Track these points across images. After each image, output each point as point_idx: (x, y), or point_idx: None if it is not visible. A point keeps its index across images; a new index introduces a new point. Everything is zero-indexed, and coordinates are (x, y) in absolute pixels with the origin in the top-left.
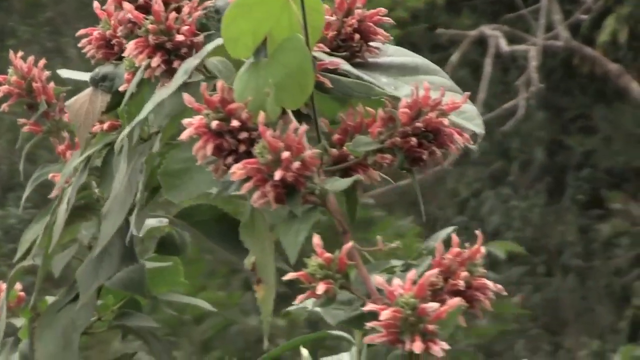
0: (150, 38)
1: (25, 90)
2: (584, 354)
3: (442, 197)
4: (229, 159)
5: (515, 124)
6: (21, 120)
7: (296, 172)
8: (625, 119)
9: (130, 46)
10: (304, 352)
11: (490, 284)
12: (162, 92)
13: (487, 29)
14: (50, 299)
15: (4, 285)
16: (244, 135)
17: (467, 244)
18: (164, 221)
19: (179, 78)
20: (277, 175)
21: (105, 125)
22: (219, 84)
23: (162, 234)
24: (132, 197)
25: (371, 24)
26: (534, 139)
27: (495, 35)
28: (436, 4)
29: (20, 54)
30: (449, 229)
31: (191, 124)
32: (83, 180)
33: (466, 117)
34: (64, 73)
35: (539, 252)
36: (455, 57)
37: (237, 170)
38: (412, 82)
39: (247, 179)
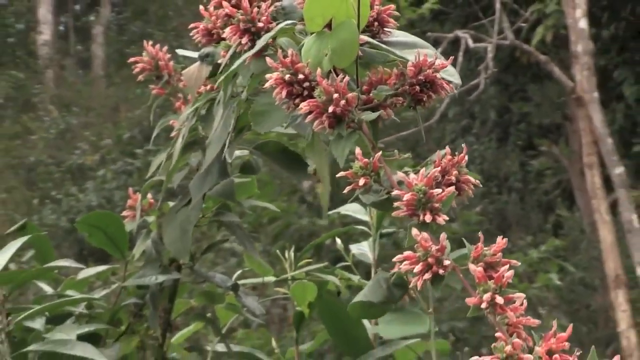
0: (241, 25)
1: (154, 67)
2: (523, 243)
3: (430, 143)
4: (297, 100)
5: (477, 95)
6: (152, 87)
7: (342, 108)
8: (550, 91)
9: (227, 30)
10: (338, 241)
11: (472, 178)
12: (247, 54)
13: (460, 33)
14: (170, 204)
15: (139, 195)
16: (306, 84)
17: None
18: (246, 152)
19: (259, 44)
20: (330, 109)
21: (208, 87)
22: (290, 50)
23: (244, 160)
24: (226, 134)
25: (385, 15)
26: (489, 105)
27: (465, 36)
28: (425, 16)
29: (150, 42)
30: (443, 151)
31: (271, 77)
32: (192, 124)
33: (449, 74)
34: (180, 52)
35: (492, 178)
36: (438, 51)
37: (304, 106)
38: (414, 52)
39: (310, 112)
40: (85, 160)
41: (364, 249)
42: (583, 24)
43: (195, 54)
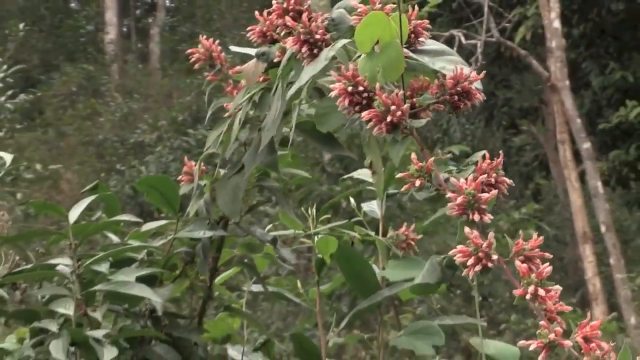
0: (301, 36)
1: (208, 57)
2: (507, 207)
3: (429, 123)
4: (357, 108)
5: (462, 112)
6: (206, 74)
7: (398, 117)
8: (529, 80)
9: (289, 40)
10: (352, 200)
11: (506, 179)
12: (313, 67)
13: (454, 31)
14: (222, 172)
15: (193, 163)
16: (365, 94)
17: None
18: (286, 130)
19: (322, 61)
20: (389, 119)
21: (261, 79)
22: (351, 65)
23: (283, 136)
24: (280, 119)
25: (420, 28)
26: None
27: (459, 35)
28: (423, 17)
29: (205, 37)
30: (480, 153)
31: (335, 88)
32: (248, 108)
33: (476, 84)
34: (233, 48)
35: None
36: None
37: (365, 115)
38: (443, 59)
39: (369, 120)
40: (144, 138)
41: (373, 207)
42: (557, 24)
43: (245, 50)
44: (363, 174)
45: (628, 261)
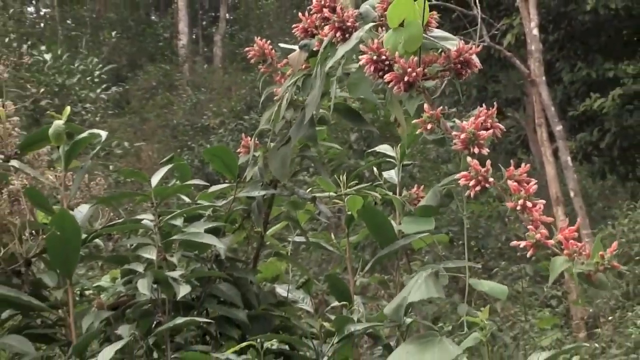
0: (336, 24)
1: (261, 54)
2: (494, 177)
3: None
4: (380, 73)
5: (464, 79)
6: (260, 66)
7: (413, 78)
8: (513, 76)
9: (327, 28)
10: (375, 169)
11: (501, 126)
12: (347, 45)
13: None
14: (272, 144)
15: (249, 138)
16: (387, 62)
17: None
18: (323, 111)
19: (353, 40)
20: (406, 79)
21: (303, 66)
22: (377, 40)
23: (320, 115)
24: (319, 99)
25: (431, 19)
26: (472, 85)
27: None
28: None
29: (259, 38)
30: (476, 110)
31: (363, 58)
32: (292, 91)
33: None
34: (282, 45)
35: None
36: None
37: (387, 77)
38: (447, 42)
39: (390, 81)
40: (209, 122)
41: (392, 175)
42: (535, 32)
43: (290, 47)
44: (383, 148)
45: (591, 220)
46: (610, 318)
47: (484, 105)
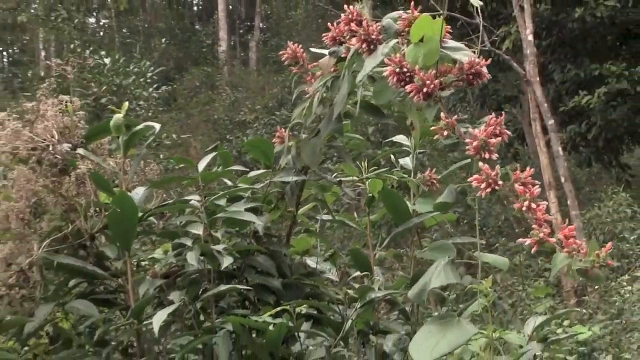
0: (362, 36)
1: (294, 56)
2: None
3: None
4: (402, 83)
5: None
6: (292, 68)
7: (432, 89)
8: (511, 77)
9: (354, 39)
10: (392, 156)
11: (508, 132)
12: (374, 60)
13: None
14: (303, 136)
15: (284, 130)
16: (408, 74)
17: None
18: (348, 107)
19: (379, 55)
20: (424, 90)
21: (332, 70)
22: (400, 54)
23: (345, 110)
24: (345, 97)
25: (446, 32)
26: None
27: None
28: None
29: (292, 42)
30: (486, 117)
31: (387, 70)
32: (322, 91)
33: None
34: (312, 49)
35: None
36: None
37: (408, 88)
38: (460, 53)
39: (411, 92)
40: (246, 117)
41: (407, 161)
42: (530, 38)
43: (319, 51)
44: (399, 139)
45: (580, 203)
46: (596, 287)
47: (486, 102)
